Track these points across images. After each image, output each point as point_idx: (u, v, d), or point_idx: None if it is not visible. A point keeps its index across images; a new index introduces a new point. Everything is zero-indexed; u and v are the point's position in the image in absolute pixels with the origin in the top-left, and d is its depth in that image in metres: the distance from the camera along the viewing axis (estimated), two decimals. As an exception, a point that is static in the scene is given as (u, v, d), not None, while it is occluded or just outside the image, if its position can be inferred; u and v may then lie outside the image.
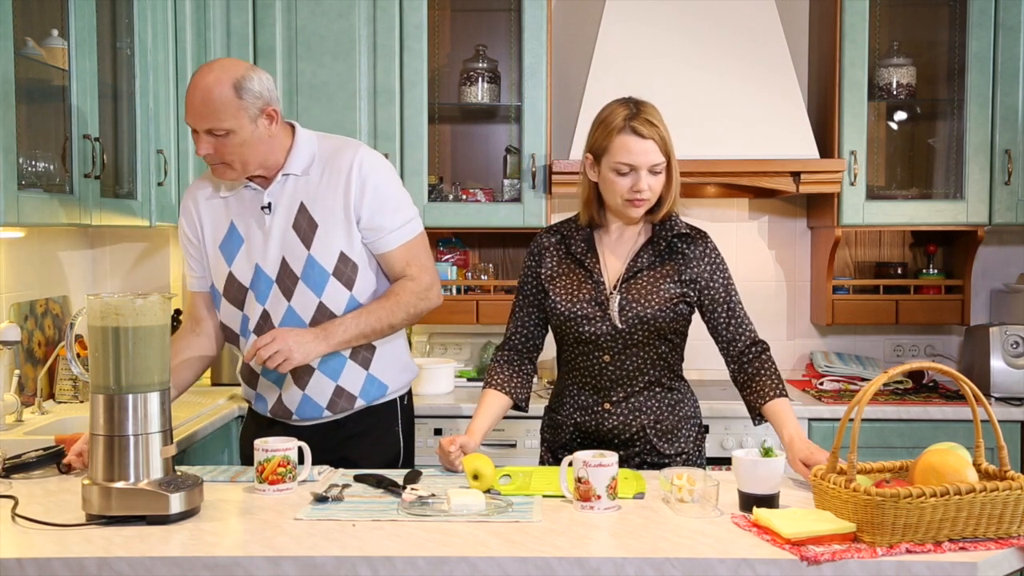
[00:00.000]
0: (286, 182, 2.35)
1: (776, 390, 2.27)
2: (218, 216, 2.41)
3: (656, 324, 2.27)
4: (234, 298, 2.39)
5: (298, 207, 2.33)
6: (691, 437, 2.37)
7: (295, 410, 2.39)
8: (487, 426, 2.33)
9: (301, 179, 2.35)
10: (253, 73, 2.27)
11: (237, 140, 2.24)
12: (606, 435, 2.32)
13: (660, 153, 2.23)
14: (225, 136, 2.23)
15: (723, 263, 2.35)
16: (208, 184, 2.44)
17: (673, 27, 3.55)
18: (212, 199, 2.42)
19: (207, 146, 2.25)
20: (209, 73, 2.24)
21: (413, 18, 3.48)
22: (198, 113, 2.23)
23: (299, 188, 2.34)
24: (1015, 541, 1.71)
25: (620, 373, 2.31)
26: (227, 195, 2.40)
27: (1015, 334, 3.46)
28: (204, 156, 2.27)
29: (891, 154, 3.79)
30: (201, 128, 2.24)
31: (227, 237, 2.39)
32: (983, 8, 3.46)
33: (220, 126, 2.22)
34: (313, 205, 2.33)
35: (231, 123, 2.22)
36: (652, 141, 2.21)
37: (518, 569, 1.65)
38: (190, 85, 2.26)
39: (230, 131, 2.23)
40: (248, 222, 2.37)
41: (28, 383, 2.94)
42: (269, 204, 2.35)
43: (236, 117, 2.23)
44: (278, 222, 2.34)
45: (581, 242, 2.35)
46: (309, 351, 2.24)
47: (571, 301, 2.31)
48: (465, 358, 3.85)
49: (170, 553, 1.67)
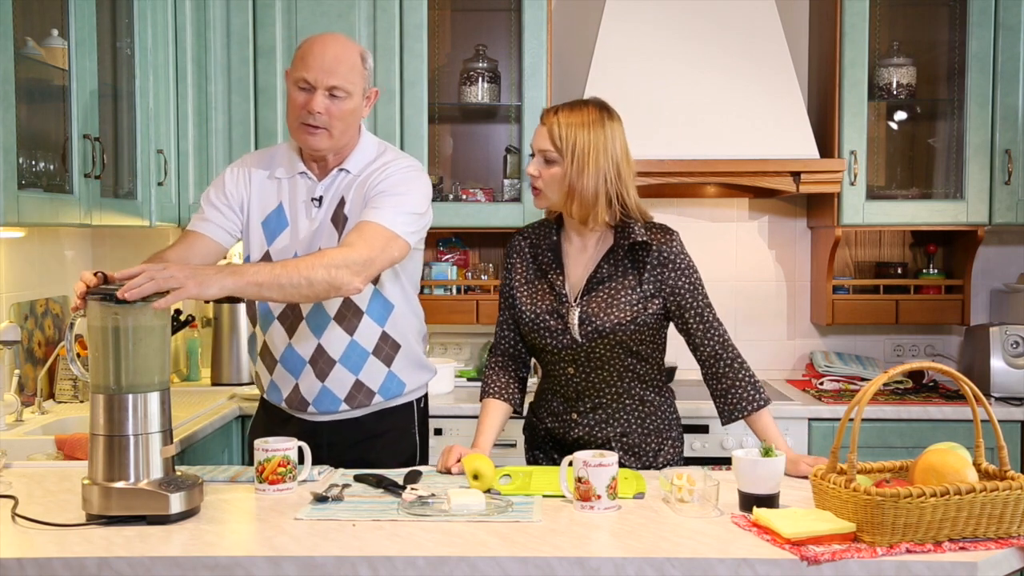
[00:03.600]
0: (337, 177, 2.37)
1: (755, 403, 2.24)
2: (268, 195, 2.41)
3: (617, 337, 2.24)
4: None
5: (339, 202, 2.36)
6: (660, 452, 2.34)
7: (312, 401, 2.40)
8: (492, 440, 2.33)
9: (351, 177, 2.37)
10: (368, 54, 2.36)
11: (349, 106, 2.29)
12: (573, 444, 2.32)
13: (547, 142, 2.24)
14: (341, 99, 2.27)
15: (689, 266, 2.28)
16: (264, 162, 2.44)
17: (673, 27, 3.55)
18: (267, 178, 2.42)
19: (322, 105, 2.25)
20: (336, 38, 2.31)
21: (413, 18, 3.48)
22: (328, 69, 2.25)
23: (344, 184, 2.37)
24: (1015, 541, 1.71)
25: (585, 384, 2.30)
26: (282, 178, 2.41)
27: (1015, 334, 3.46)
28: (311, 116, 2.25)
29: (891, 154, 3.79)
30: (325, 84, 2.25)
31: (272, 216, 2.39)
32: (983, 8, 3.46)
33: (345, 86, 2.26)
34: (349, 204, 2.35)
35: (353, 87, 2.28)
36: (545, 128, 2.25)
37: (518, 569, 1.65)
38: (313, 43, 2.29)
39: (349, 94, 2.28)
40: (297, 209, 2.38)
41: (28, 383, 2.94)
42: (320, 198, 2.36)
43: (357, 83, 2.29)
44: (322, 215, 2.36)
45: (548, 251, 2.34)
46: (205, 280, 1.95)
47: (535, 312, 2.31)
48: (465, 358, 3.86)
49: (170, 553, 1.67)
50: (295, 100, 2.28)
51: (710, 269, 3.56)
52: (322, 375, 2.38)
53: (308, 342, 2.37)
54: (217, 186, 2.43)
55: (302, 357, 2.38)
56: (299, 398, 2.41)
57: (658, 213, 2.39)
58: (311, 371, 2.38)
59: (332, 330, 2.36)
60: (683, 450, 2.41)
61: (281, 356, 2.40)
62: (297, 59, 2.31)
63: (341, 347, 2.37)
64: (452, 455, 2.23)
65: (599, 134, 2.21)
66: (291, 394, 2.42)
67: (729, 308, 3.83)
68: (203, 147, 3.44)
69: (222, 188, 2.42)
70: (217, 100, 3.47)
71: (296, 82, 2.28)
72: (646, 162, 3.26)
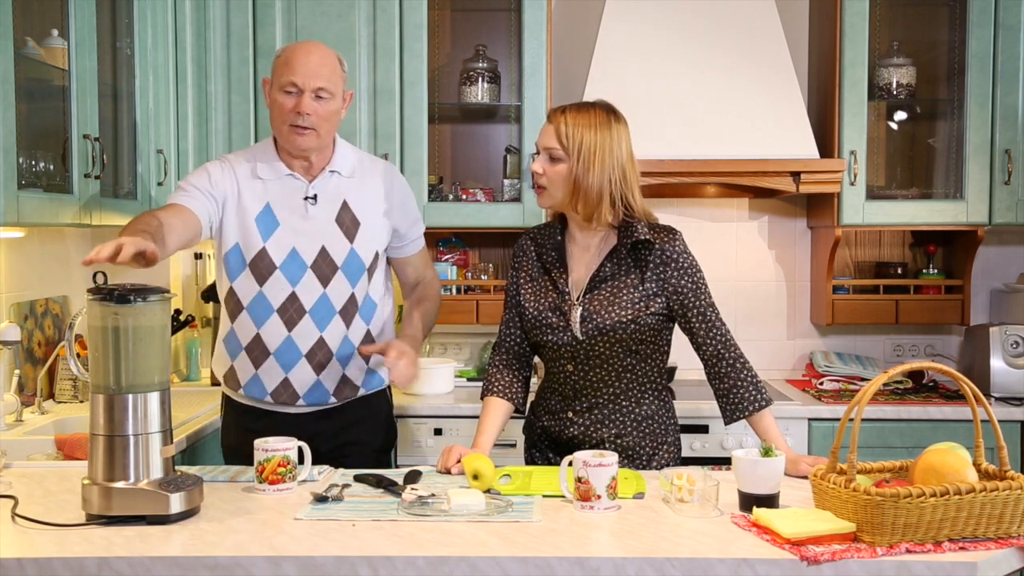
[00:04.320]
0: (331, 179, 2.48)
1: (757, 403, 2.25)
2: (255, 194, 2.45)
3: (617, 336, 2.25)
4: (259, 273, 2.43)
5: (341, 203, 2.47)
6: (655, 456, 2.33)
7: (303, 394, 2.48)
8: (493, 440, 2.34)
9: (344, 179, 2.49)
10: (343, 59, 2.50)
11: (332, 108, 2.41)
12: (567, 443, 2.32)
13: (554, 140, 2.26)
14: (326, 100, 2.39)
15: (692, 265, 2.28)
16: (247, 163, 2.48)
17: (673, 27, 3.55)
18: (252, 178, 2.47)
19: (310, 106, 2.36)
20: (316, 44, 2.45)
21: (413, 18, 3.48)
22: (313, 72, 2.37)
23: (342, 187, 2.49)
24: (1015, 541, 1.71)
25: (584, 383, 2.31)
26: (266, 179, 2.46)
27: (1015, 334, 3.46)
28: (300, 117, 2.36)
29: (891, 154, 3.79)
30: (313, 86, 2.36)
31: (262, 215, 2.44)
32: (983, 8, 3.45)
33: (329, 88, 2.39)
34: (356, 205, 2.48)
35: (336, 88, 2.41)
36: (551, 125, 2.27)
37: (518, 569, 1.65)
38: (296, 49, 2.42)
39: (332, 96, 2.40)
40: (287, 208, 2.45)
41: (28, 383, 2.94)
42: (315, 196, 2.45)
43: (339, 85, 2.43)
44: (321, 214, 2.45)
45: (552, 250, 2.36)
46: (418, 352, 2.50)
47: (537, 309, 2.33)
48: (465, 358, 3.86)
49: (170, 553, 1.68)
50: (282, 104, 2.39)
51: (710, 269, 3.53)
52: (319, 368, 2.46)
53: (309, 335, 2.44)
54: (200, 175, 2.45)
55: (299, 350, 2.44)
56: (289, 391, 2.47)
57: (658, 213, 2.38)
58: (307, 364, 2.45)
59: (335, 324, 2.46)
60: (680, 455, 2.41)
61: (277, 349, 2.44)
62: (280, 66, 2.42)
63: (338, 341, 2.47)
64: (452, 455, 2.23)
65: (605, 135, 2.23)
66: (279, 387, 2.47)
67: (729, 308, 3.83)
68: (203, 147, 3.44)
69: (207, 177, 2.44)
70: (217, 100, 3.47)
71: (282, 87, 2.39)
72: (646, 162, 3.26)
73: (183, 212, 2.35)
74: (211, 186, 2.43)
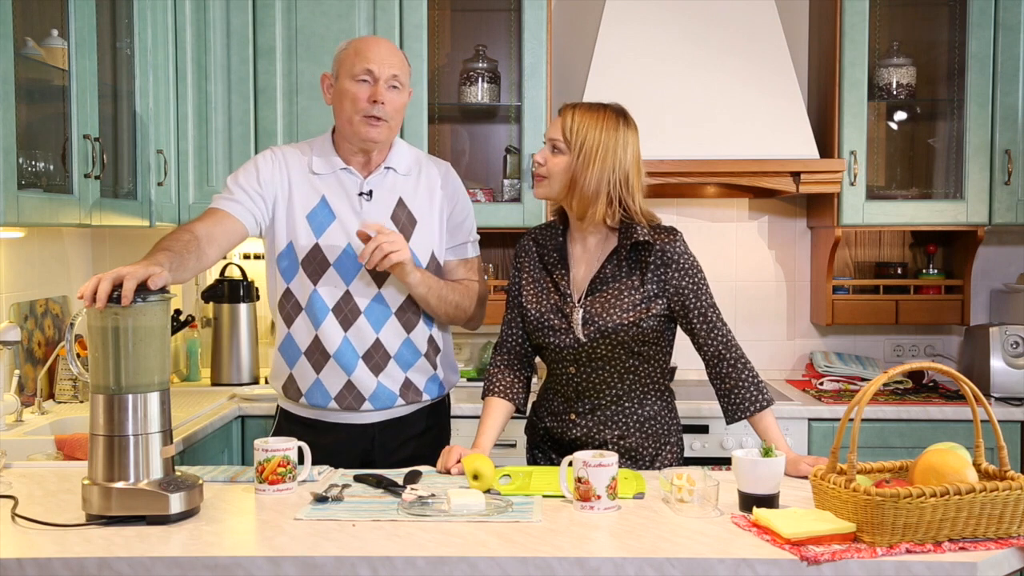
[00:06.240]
0: (387, 175, 2.45)
1: (758, 403, 2.24)
2: (308, 189, 2.42)
3: (619, 337, 2.25)
4: (312, 271, 2.39)
5: (397, 201, 2.44)
6: (657, 456, 2.33)
7: (369, 396, 2.42)
8: (493, 440, 2.34)
9: (400, 176, 2.46)
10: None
11: (403, 99, 2.40)
12: (570, 445, 2.32)
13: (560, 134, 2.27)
14: (398, 91, 2.38)
15: (692, 266, 2.28)
16: (301, 156, 2.46)
17: (673, 27, 3.55)
18: (305, 172, 2.44)
19: (386, 95, 2.34)
20: (382, 38, 2.46)
21: (413, 18, 3.48)
22: (387, 60, 2.36)
23: (398, 184, 2.46)
24: (1015, 541, 1.71)
25: (586, 385, 2.31)
26: (321, 173, 2.43)
27: (1015, 334, 3.47)
28: (375, 107, 2.32)
29: (891, 154, 3.80)
30: (388, 74, 2.34)
31: (317, 210, 2.41)
32: (983, 8, 3.46)
33: (401, 77, 2.38)
34: (412, 203, 2.45)
35: (406, 80, 2.40)
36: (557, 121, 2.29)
37: (518, 569, 1.65)
38: (366, 40, 2.41)
39: (403, 86, 2.39)
40: (342, 203, 2.42)
41: (28, 383, 2.94)
42: (370, 192, 2.42)
43: (408, 77, 2.42)
44: (376, 210, 2.42)
45: (553, 251, 2.36)
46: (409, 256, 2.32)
47: (539, 311, 2.32)
48: (465, 358, 3.86)
49: (170, 553, 1.67)
50: (356, 94, 2.34)
51: (710, 269, 3.53)
52: (376, 369, 2.41)
53: (366, 336, 2.40)
54: (248, 171, 2.42)
55: (356, 351, 2.40)
56: (354, 394, 2.41)
57: (658, 213, 2.38)
58: (364, 366, 2.40)
59: (391, 325, 2.41)
60: (682, 455, 2.41)
61: (336, 351, 2.39)
62: (349, 56, 2.37)
63: (397, 343, 2.42)
64: (452, 455, 2.23)
65: (611, 136, 2.23)
66: (343, 391, 2.42)
67: (729, 308, 3.83)
68: (203, 147, 3.44)
69: (255, 175, 2.41)
70: (217, 100, 3.47)
71: (355, 76, 2.34)
72: (646, 162, 3.23)
73: (225, 220, 2.33)
74: (259, 185, 2.39)
